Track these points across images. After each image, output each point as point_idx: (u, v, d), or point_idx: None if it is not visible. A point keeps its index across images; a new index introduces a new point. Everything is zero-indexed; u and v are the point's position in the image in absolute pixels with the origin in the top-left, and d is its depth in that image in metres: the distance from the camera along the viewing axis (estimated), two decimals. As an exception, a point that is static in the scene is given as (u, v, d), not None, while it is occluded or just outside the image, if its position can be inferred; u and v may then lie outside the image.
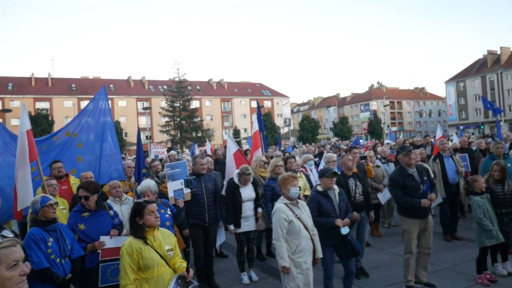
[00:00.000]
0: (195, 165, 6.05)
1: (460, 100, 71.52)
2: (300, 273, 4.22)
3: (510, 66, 64.55)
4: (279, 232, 4.22)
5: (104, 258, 4.23)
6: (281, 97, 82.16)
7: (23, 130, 5.04)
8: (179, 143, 50.33)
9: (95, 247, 4.28)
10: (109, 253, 4.21)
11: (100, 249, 4.26)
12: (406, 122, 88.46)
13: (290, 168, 6.99)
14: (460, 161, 8.02)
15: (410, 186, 5.30)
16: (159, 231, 3.54)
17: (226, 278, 6.31)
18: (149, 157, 12.27)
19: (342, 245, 4.75)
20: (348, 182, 5.94)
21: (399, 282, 5.57)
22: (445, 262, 6.37)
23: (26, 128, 5.06)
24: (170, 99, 52.83)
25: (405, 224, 5.39)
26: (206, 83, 78.52)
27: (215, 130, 59.52)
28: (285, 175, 4.51)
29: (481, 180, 5.70)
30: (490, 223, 5.46)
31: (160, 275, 3.36)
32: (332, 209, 4.81)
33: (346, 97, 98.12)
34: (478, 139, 11.66)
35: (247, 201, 6.07)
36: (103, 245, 4.28)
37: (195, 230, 5.89)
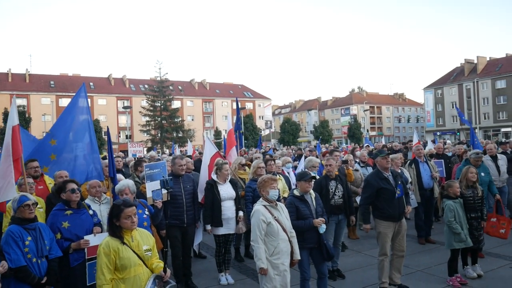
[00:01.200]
0: (174, 166, 6.04)
1: (437, 107, 73.06)
2: (277, 275, 4.28)
3: (486, 75, 66.35)
4: (257, 234, 4.27)
5: (91, 257, 4.24)
6: (263, 99, 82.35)
7: (9, 125, 5.02)
8: (159, 143, 49.90)
9: (80, 246, 4.30)
10: (95, 251, 4.18)
11: (85, 247, 4.29)
12: (385, 127, 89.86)
13: (270, 170, 7.05)
14: (435, 167, 8.23)
15: (385, 189, 5.44)
16: (137, 231, 3.53)
17: (204, 279, 6.32)
18: (128, 157, 12.17)
19: (318, 248, 4.84)
20: (329, 184, 6.07)
21: (373, 283, 5.69)
22: (418, 265, 6.53)
23: (12, 124, 5.03)
24: (151, 99, 52.35)
25: (380, 227, 5.52)
26: (188, 83, 78.07)
27: (196, 131, 59.21)
28: (264, 177, 4.56)
29: (456, 185, 5.88)
30: (459, 227, 5.64)
31: (137, 275, 3.35)
32: (310, 213, 4.88)
33: (327, 101, 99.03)
34: (456, 145, 11.96)
35: (227, 199, 6.06)
36: (87, 244, 4.31)
37: (173, 231, 5.87)
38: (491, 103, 65.25)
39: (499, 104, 64.33)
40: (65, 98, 59.68)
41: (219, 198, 6.00)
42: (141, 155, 12.64)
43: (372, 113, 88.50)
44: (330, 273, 6.07)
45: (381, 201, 5.46)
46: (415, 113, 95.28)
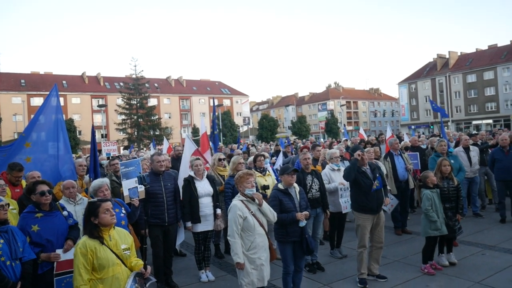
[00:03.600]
0: (153, 163, 5.97)
1: (412, 101, 74.59)
2: (254, 269, 4.30)
3: (458, 69, 68.11)
4: (234, 229, 4.27)
5: (59, 272, 4.07)
6: (241, 96, 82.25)
7: None
8: (136, 141, 49.25)
9: (50, 259, 4.11)
10: (64, 266, 4.07)
11: (55, 261, 4.10)
12: (361, 122, 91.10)
13: (260, 166, 7.04)
14: (409, 159, 8.43)
15: (363, 182, 5.53)
16: (115, 230, 3.48)
17: (184, 277, 6.30)
18: (101, 155, 11.98)
19: (299, 242, 4.89)
20: (306, 179, 6.13)
21: (353, 275, 5.79)
22: (395, 255, 6.69)
23: None
24: (126, 97, 51.56)
25: (358, 219, 5.62)
26: (164, 80, 77.17)
27: (174, 129, 58.70)
28: (240, 173, 4.57)
29: (432, 175, 6.05)
30: (435, 215, 5.81)
31: (115, 275, 3.30)
32: (293, 206, 4.92)
33: (305, 97, 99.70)
34: (430, 138, 12.27)
35: (205, 196, 6.04)
36: (58, 258, 4.11)
37: (155, 230, 5.81)
38: (463, 97, 67.09)
39: (470, 97, 66.21)
40: (37, 97, 58.09)
41: (196, 194, 5.98)
42: (115, 154, 12.45)
43: (348, 108, 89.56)
44: (310, 266, 6.16)
45: (359, 194, 5.55)
46: (390, 108, 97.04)
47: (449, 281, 5.49)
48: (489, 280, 5.39)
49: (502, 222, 8.35)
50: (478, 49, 70.35)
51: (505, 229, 7.87)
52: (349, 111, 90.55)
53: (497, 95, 62.88)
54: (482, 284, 5.31)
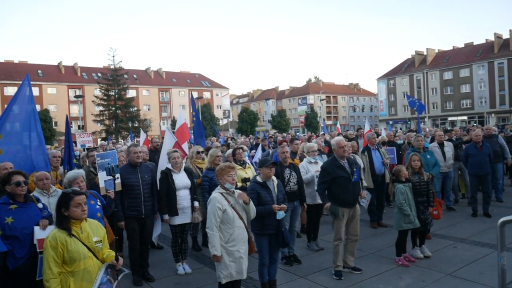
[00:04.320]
0: (129, 154, 5.89)
1: (390, 97, 75.75)
2: (232, 262, 4.30)
3: (435, 66, 69.45)
4: (212, 221, 4.25)
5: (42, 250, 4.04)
6: (221, 89, 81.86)
7: None
8: (114, 133, 48.47)
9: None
10: None
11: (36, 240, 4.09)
12: (340, 116, 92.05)
13: (239, 159, 7.03)
14: (386, 154, 8.56)
15: (341, 176, 5.58)
16: (87, 222, 3.41)
17: (161, 269, 6.26)
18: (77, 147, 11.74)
19: (275, 235, 4.91)
20: (284, 172, 6.16)
21: (329, 267, 5.86)
22: (371, 248, 6.81)
23: None
24: (104, 88, 50.57)
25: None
26: (143, 72, 76.05)
27: (153, 121, 58.02)
28: (222, 166, 4.54)
29: (404, 169, 6.17)
30: (409, 209, 5.93)
31: (87, 268, 3.22)
32: (271, 199, 4.94)
33: (285, 91, 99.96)
34: (407, 133, 12.51)
35: (182, 188, 5.99)
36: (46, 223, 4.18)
37: (131, 222, 5.74)
38: (439, 93, 68.54)
39: (447, 94, 67.70)
40: (10, 86, 56.43)
41: (173, 187, 5.93)
42: (91, 146, 12.23)
43: (328, 102, 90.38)
44: (287, 259, 6.21)
45: (336, 188, 5.60)
46: (369, 103, 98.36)
47: (422, 273, 5.62)
48: (460, 272, 5.54)
49: (474, 216, 8.60)
50: (455, 47, 71.84)
51: (476, 223, 8.10)
52: (328, 105, 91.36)
53: (472, 93, 64.47)
54: (453, 275, 5.45)
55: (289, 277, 5.68)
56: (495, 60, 61.79)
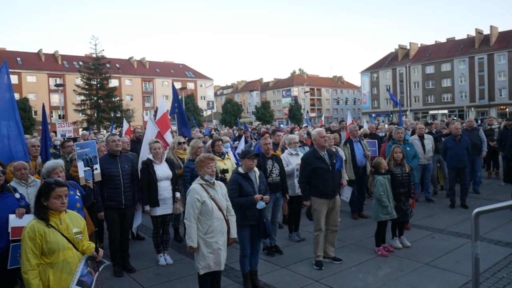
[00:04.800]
0: (108, 144, 5.82)
1: (373, 90, 76.49)
2: (211, 253, 4.29)
3: (417, 60, 70.30)
4: (190, 212, 4.24)
5: (15, 238, 3.99)
6: (205, 80, 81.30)
7: None
8: (95, 123, 47.73)
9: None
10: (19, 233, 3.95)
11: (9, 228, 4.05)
12: (324, 109, 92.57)
13: (218, 151, 7.01)
14: (367, 146, 8.66)
15: (320, 168, 5.63)
16: (67, 213, 3.36)
17: (142, 260, 6.23)
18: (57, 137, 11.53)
19: (257, 226, 4.94)
20: (266, 163, 6.18)
21: (309, 257, 5.93)
22: (351, 238, 6.91)
23: None
24: (86, 77, 49.60)
25: (315, 204, 5.72)
26: (126, 61, 74.93)
27: (136, 111, 57.30)
28: (202, 157, 4.51)
29: (384, 161, 6.27)
30: (387, 201, 6.04)
31: (66, 259, 3.18)
32: (253, 190, 4.95)
33: (269, 82, 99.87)
34: (388, 126, 12.67)
35: (163, 179, 5.96)
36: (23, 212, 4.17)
37: (111, 213, 5.70)
38: (421, 87, 69.52)
39: (428, 88, 68.70)
40: (-12, 74, 54.91)
41: (155, 178, 5.89)
42: (71, 136, 12.02)
43: (312, 95, 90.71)
44: (268, 249, 6.26)
45: (316, 179, 5.65)
46: (353, 96, 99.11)
47: (400, 262, 5.74)
48: (437, 261, 5.68)
49: (452, 207, 8.79)
50: (437, 42, 72.80)
51: (454, 214, 8.29)
52: (312, 98, 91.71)
53: (453, 87, 65.58)
54: (430, 265, 5.58)
55: (270, 268, 5.73)
56: (475, 55, 62.88)
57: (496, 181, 11.85)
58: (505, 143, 10.19)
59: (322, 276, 5.36)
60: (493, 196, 9.69)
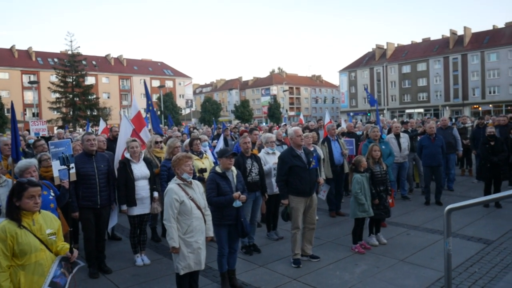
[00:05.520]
0: (83, 143, 5.70)
1: (351, 89, 77.46)
2: (191, 253, 4.27)
3: (394, 60, 71.56)
4: (169, 213, 4.21)
5: None
6: (184, 78, 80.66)
7: None
8: (71, 121, 46.74)
9: None
10: None
11: None
12: (303, 107, 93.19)
13: (196, 150, 6.96)
14: (345, 144, 8.76)
15: (297, 166, 5.67)
16: (40, 214, 3.27)
17: (118, 261, 6.14)
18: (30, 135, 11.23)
19: (235, 225, 4.94)
20: (246, 162, 6.18)
21: (287, 256, 5.96)
22: (329, 236, 6.98)
23: None
24: (61, 74, 48.50)
25: (292, 202, 5.75)
26: (103, 58, 73.63)
27: (113, 109, 56.39)
28: (179, 155, 4.48)
29: (364, 160, 6.35)
30: (364, 198, 6.12)
31: (39, 261, 3.10)
32: (230, 190, 4.93)
33: (248, 81, 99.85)
34: (365, 125, 12.84)
35: (141, 179, 5.89)
36: None
37: (86, 213, 5.59)
38: (398, 86, 70.81)
39: (404, 87, 70.03)
40: (-44, 71, 53.12)
41: (132, 177, 5.81)
42: (45, 134, 11.74)
43: (291, 93, 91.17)
44: (247, 248, 6.26)
45: (293, 178, 5.68)
46: (331, 94, 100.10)
47: (377, 259, 5.83)
48: (412, 258, 5.79)
49: (427, 204, 8.99)
50: (413, 42, 74.24)
51: (428, 211, 8.47)
52: (291, 96, 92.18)
53: (428, 86, 67.02)
54: (405, 261, 5.69)
55: (248, 266, 5.74)
56: (450, 56, 64.40)
57: (469, 178, 12.17)
58: (478, 141, 10.46)
59: (300, 274, 5.39)
60: (466, 193, 9.94)
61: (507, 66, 58.46)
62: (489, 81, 60.57)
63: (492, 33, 62.92)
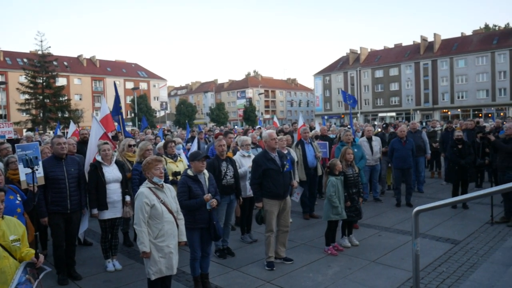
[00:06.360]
0: (53, 146, 5.56)
1: (326, 93, 78.43)
2: (162, 257, 4.22)
3: (367, 64, 72.93)
4: (140, 217, 4.14)
5: None
6: (158, 80, 79.81)
7: None
8: (41, 123, 45.40)
9: None
10: None
11: None
12: (278, 111, 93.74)
13: (170, 153, 6.90)
14: (318, 147, 8.86)
15: (271, 169, 5.69)
16: (3, 220, 3.16)
17: (89, 267, 6.00)
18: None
19: (207, 229, 4.91)
20: (221, 165, 6.16)
21: (261, 259, 5.97)
22: (302, 238, 7.03)
23: None
24: (31, 74, 47.04)
25: (266, 205, 5.77)
26: (75, 59, 71.99)
27: (85, 111, 55.15)
28: (149, 159, 4.42)
29: (339, 163, 6.43)
30: (338, 201, 6.20)
31: (2, 268, 2.99)
32: (202, 193, 4.91)
33: (224, 84, 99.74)
34: (339, 128, 13.05)
35: (112, 182, 5.78)
36: None
37: (55, 218, 5.43)
38: (371, 91, 72.18)
39: (377, 91, 71.45)
40: None
41: (103, 180, 5.70)
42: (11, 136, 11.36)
43: (266, 96, 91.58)
44: (220, 252, 6.23)
45: (267, 181, 5.70)
46: (306, 98, 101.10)
47: (349, 260, 5.91)
48: (383, 259, 5.91)
49: (398, 206, 9.19)
50: (385, 47, 75.89)
51: (399, 212, 8.66)
52: (267, 99, 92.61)
53: (400, 90, 68.60)
54: (377, 262, 5.79)
55: (222, 270, 5.71)
56: (420, 61, 66.14)
57: (439, 180, 12.52)
58: (446, 144, 10.76)
59: (273, 276, 5.41)
60: (435, 195, 10.21)
61: (474, 72, 60.52)
62: (457, 86, 62.52)
63: (461, 40, 65.05)
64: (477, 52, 60.42)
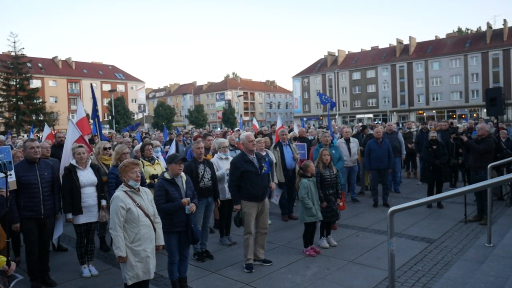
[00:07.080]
0: (26, 150, 5.42)
1: (304, 95, 79.10)
2: (139, 262, 4.16)
3: (345, 67, 73.95)
4: (115, 221, 4.08)
5: None
6: (136, 82, 78.80)
7: None
8: (15, 127, 44.24)
9: None
10: None
11: None
12: (257, 113, 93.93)
13: (148, 155, 6.82)
14: (296, 149, 8.91)
15: (249, 171, 5.69)
16: (-27, 226, 3.08)
17: (64, 273, 5.86)
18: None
19: (185, 232, 4.87)
20: (198, 168, 6.12)
21: (240, 261, 5.96)
22: (281, 240, 7.05)
23: None
24: (3, 76, 45.84)
25: (244, 207, 5.76)
26: (50, 60, 70.37)
27: (61, 114, 54.03)
28: (125, 162, 4.35)
29: (312, 165, 6.47)
30: (311, 203, 6.24)
31: (-28, 275, 2.93)
32: (179, 196, 4.88)
33: (203, 86, 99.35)
34: (317, 130, 13.16)
35: (88, 186, 5.68)
36: None
37: (28, 223, 5.29)
38: (349, 92, 73.19)
39: (355, 93, 72.49)
40: None
41: (78, 184, 5.59)
42: (-18, 140, 11.05)
43: (245, 98, 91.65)
44: (199, 255, 6.19)
45: (246, 183, 5.69)
46: (285, 100, 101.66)
47: (327, 261, 5.95)
48: (361, 259, 5.97)
49: (375, 206, 9.32)
50: (363, 50, 77.07)
51: (376, 213, 8.78)
52: (246, 102, 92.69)
53: (377, 92, 69.80)
54: (354, 262, 5.86)
55: (200, 273, 5.67)
56: (396, 63, 67.48)
57: (414, 180, 12.76)
58: (422, 145, 10.99)
59: (252, 279, 5.40)
60: (411, 195, 10.40)
61: (448, 74, 62.11)
62: (432, 88, 64.02)
63: (435, 43, 66.68)
64: (450, 55, 62.06)
